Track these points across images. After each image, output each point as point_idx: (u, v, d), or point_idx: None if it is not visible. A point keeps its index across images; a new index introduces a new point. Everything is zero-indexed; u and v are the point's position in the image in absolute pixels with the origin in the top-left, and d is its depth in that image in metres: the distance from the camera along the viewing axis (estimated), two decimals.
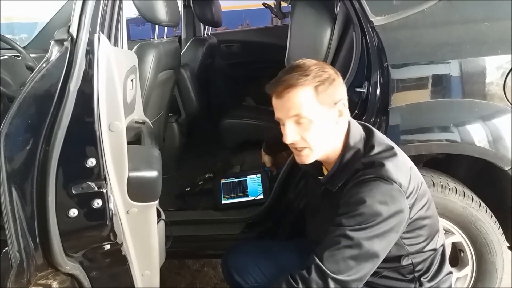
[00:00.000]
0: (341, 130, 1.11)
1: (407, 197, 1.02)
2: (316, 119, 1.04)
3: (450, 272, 1.21)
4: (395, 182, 1.00)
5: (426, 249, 1.12)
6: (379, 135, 1.13)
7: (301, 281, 0.99)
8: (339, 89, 1.08)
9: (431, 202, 1.13)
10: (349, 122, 1.12)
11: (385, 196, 0.99)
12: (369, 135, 1.12)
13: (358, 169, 1.05)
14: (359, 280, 1.00)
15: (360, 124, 1.16)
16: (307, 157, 1.10)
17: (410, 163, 1.11)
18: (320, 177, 1.18)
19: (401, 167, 1.05)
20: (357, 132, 1.12)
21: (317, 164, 1.19)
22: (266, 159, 1.83)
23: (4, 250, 1.04)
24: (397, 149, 1.10)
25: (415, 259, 1.11)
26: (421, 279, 1.14)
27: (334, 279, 0.97)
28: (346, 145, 1.10)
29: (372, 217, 0.97)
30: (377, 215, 0.98)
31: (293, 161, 1.56)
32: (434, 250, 1.14)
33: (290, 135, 1.06)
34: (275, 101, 1.08)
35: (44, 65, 1.00)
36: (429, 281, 1.14)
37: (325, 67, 1.07)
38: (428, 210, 1.10)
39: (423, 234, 1.10)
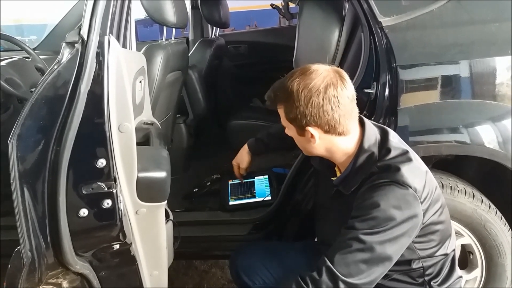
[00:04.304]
0: (338, 143, 1.08)
1: (422, 202, 1.01)
2: (292, 134, 1.13)
3: (460, 277, 1.20)
4: (410, 187, 0.99)
5: (438, 253, 1.11)
6: (395, 138, 1.12)
7: (311, 283, 0.98)
8: (312, 113, 1.02)
9: (445, 207, 1.12)
10: (364, 125, 1.11)
11: (400, 201, 0.98)
12: (384, 138, 1.10)
13: (373, 173, 1.04)
14: (369, 284, 0.99)
15: (376, 126, 1.14)
16: (303, 151, 1.19)
17: (425, 168, 1.10)
18: (332, 178, 1.18)
19: (417, 172, 1.04)
20: (372, 135, 1.10)
21: (330, 164, 1.19)
22: (247, 159, 1.64)
23: (16, 249, 1.06)
24: (412, 153, 1.09)
25: (425, 262, 1.10)
26: (431, 283, 1.13)
27: (345, 282, 0.96)
28: (360, 148, 1.08)
29: (386, 222, 0.97)
30: (390, 220, 0.97)
31: (302, 160, 1.56)
32: (445, 255, 1.13)
33: (286, 130, 1.16)
34: None
35: (55, 67, 1.02)
36: (439, 285, 1.13)
37: (300, 90, 1.02)
38: (441, 215, 1.09)
39: (435, 239, 1.09)
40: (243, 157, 1.66)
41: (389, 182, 1.00)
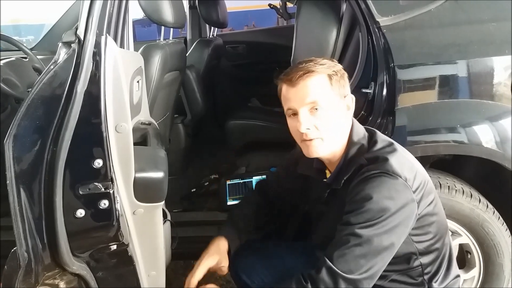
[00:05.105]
0: (348, 125, 1.13)
1: (414, 192, 1.01)
2: (329, 108, 1.06)
3: (458, 275, 1.20)
4: (400, 176, 1.00)
5: (434, 247, 1.11)
6: (381, 134, 1.14)
7: (311, 281, 0.99)
8: (347, 84, 1.13)
9: (438, 200, 1.13)
10: (352, 121, 1.14)
11: (391, 191, 0.99)
12: (371, 133, 1.14)
13: (362, 165, 1.05)
14: (370, 278, 0.99)
15: (363, 126, 1.18)
16: (317, 148, 1.08)
17: (414, 160, 1.12)
18: (324, 180, 1.18)
19: (405, 162, 1.05)
20: (360, 129, 1.14)
21: (320, 168, 1.20)
22: (227, 260, 1.31)
23: (12, 250, 1.05)
24: (400, 147, 1.10)
25: (424, 260, 1.11)
26: (431, 281, 1.13)
27: (345, 279, 0.97)
28: (350, 142, 1.11)
29: (380, 213, 0.97)
30: (384, 211, 0.97)
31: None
32: (442, 249, 1.13)
33: (305, 122, 1.05)
34: (288, 90, 1.08)
35: (51, 67, 1.01)
36: (439, 284, 1.14)
37: (335, 62, 1.13)
38: (436, 207, 1.10)
39: (432, 231, 1.09)
40: (222, 257, 1.32)
41: (379, 173, 1.00)
